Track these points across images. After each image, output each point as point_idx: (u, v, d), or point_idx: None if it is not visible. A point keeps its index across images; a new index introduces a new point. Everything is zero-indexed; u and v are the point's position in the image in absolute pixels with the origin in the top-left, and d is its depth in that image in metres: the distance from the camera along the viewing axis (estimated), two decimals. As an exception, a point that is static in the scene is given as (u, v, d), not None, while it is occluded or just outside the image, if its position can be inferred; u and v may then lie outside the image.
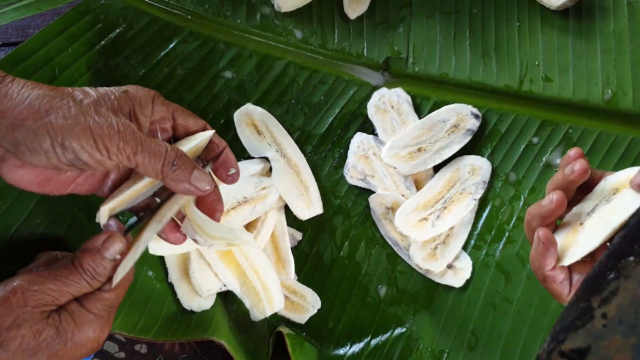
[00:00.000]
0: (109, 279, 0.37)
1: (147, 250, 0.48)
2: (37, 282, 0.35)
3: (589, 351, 0.28)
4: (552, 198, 0.36)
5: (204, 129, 0.42)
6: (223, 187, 0.44)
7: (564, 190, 0.36)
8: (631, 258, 0.29)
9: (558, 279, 0.36)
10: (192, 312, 0.49)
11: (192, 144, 0.41)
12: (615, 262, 0.29)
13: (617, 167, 0.50)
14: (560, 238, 0.37)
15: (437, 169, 0.53)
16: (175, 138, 0.42)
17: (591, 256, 0.35)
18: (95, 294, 0.37)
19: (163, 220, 0.39)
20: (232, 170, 0.42)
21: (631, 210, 0.32)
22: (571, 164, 0.36)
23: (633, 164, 0.50)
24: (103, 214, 0.38)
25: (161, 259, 0.50)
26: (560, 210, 0.36)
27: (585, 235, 0.35)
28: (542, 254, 0.36)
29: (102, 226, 0.38)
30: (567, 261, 0.35)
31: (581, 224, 0.36)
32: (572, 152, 0.37)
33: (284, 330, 0.49)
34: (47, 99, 0.34)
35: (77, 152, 0.34)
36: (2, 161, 0.35)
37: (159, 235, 0.41)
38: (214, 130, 0.42)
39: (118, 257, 0.37)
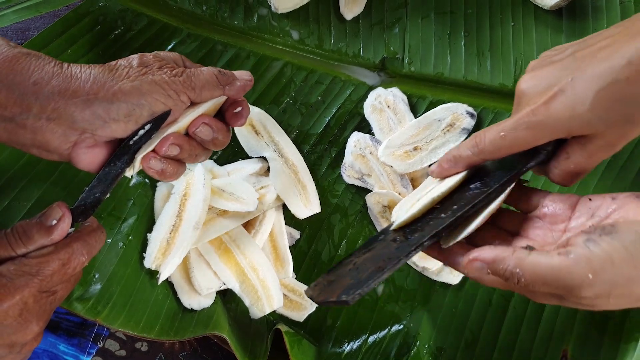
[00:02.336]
0: (40, 248, 0.34)
1: (145, 258, 0.49)
2: None
3: None
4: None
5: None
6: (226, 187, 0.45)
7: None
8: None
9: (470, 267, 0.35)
10: (192, 310, 0.49)
11: (209, 105, 0.42)
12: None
13: (611, 166, 0.51)
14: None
15: (433, 167, 0.54)
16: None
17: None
18: (15, 259, 0.34)
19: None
20: (239, 109, 0.43)
21: (430, 189, 0.40)
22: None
23: (626, 161, 0.51)
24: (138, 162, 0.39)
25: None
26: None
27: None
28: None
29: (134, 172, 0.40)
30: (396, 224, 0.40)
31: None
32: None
33: (283, 328, 0.49)
34: (106, 72, 0.37)
35: (152, 105, 0.37)
36: (76, 146, 0.36)
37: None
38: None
39: (54, 222, 0.35)
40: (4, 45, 0.36)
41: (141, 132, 0.38)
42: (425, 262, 0.52)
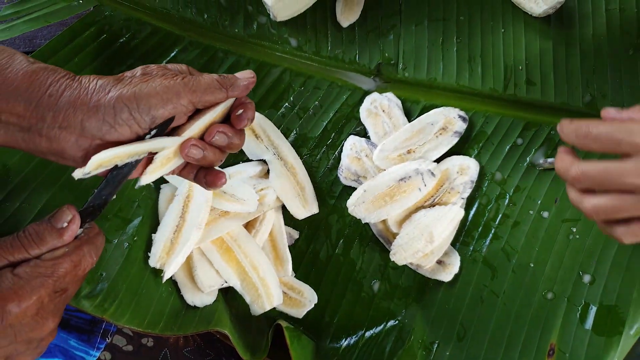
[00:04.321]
0: (51, 250, 0.36)
1: (149, 257, 0.51)
2: None
3: None
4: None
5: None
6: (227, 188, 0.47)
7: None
8: None
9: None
10: (195, 307, 0.51)
11: (218, 110, 0.43)
12: None
13: None
14: None
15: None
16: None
17: None
18: (31, 261, 0.36)
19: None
20: (240, 111, 0.43)
21: None
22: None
23: None
24: (91, 163, 0.38)
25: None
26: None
27: None
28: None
29: (81, 174, 0.38)
30: None
31: None
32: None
33: (283, 323, 0.51)
34: (111, 81, 0.39)
35: (152, 109, 0.38)
36: (88, 153, 0.38)
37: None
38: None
39: (65, 224, 0.36)
40: (24, 62, 0.38)
41: (147, 137, 0.39)
42: (419, 260, 0.54)
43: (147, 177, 0.40)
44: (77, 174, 0.37)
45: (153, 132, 0.40)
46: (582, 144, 0.37)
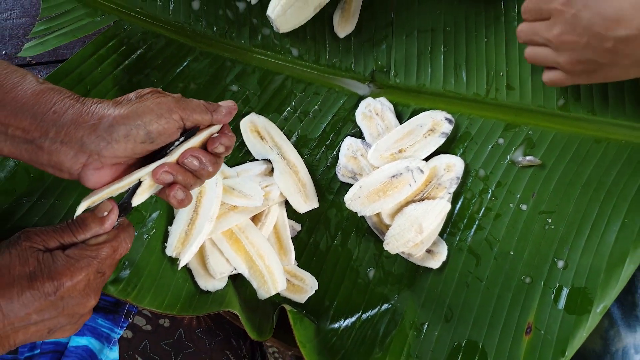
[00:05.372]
0: (95, 236, 0.41)
1: (166, 247, 0.55)
2: (35, 230, 0.41)
3: None
4: None
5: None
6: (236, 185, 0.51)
7: None
8: None
9: None
10: (207, 292, 0.55)
11: (202, 136, 0.46)
12: None
13: (570, 165, 0.56)
14: None
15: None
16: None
17: None
18: (79, 244, 0.40)
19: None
20: (216, 134, 0.46)
21: None
22: None
23: (583, 161, 0.55)
24: (81, 207, 0.42)
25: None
26: None
27: None
28: None
29: (80, 211, 0.42)
30: None
31: None
32: None
33: (287, 307, 0.53)
34: (110, 103, 0.42)
35: (147, 125, 0.41)
36: (85, 167, 0.41)
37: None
38: (219, 126, 0.47)
39: (105, 214, 0.41)
40: (34, 82, 0.41)
41: (176, 143, 0.43)
42: (410, 250, 0.56)
43: (137, 199, 0.43)
44: (80, 207, 0.42)
45: (182, 139, 0.44)
46: (525, 17, 0.49)
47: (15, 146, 0.40)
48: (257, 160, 0.60)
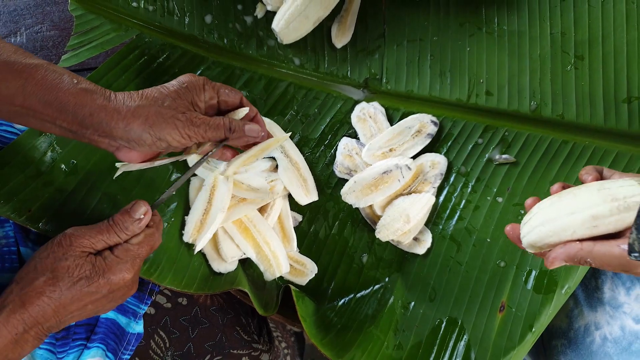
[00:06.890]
0: (134, 235, 0.47)
1: (184, 234, 0.60)
2: (81, 231, 0.46)
3: None
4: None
5: (240, 101, 0.53)
6: (245, 180, 0.58)
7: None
8: None
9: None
10: (220, 273, 0.60)
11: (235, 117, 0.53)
12: None
13: (541, 162, 0.61)
14: None
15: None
16: (220, 111, 0.53)
17: None
18: (123, 245, 0.46)
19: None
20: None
21: None
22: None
23: (552, 159, 0.60)
24: (119, 171, 0.53)
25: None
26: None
27: None
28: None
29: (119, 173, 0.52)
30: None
31: None
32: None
33: (291, 285, 0.58)
34: (140, 109, 0.46)
35: (169, 141, 0.48)
36: (118, 150, 0.49)
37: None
38: (248, 108, 0.53)
39: (142, 216, 0.47)
40: (71, 82, 0.46)
41: (205, 157, 0.51)
42: (399, 238, 0.61)
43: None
44: (119, 171, 0.52)
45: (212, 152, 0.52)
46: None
47: (63, 132, 0.47)
48: (264, 157, 0.63)
